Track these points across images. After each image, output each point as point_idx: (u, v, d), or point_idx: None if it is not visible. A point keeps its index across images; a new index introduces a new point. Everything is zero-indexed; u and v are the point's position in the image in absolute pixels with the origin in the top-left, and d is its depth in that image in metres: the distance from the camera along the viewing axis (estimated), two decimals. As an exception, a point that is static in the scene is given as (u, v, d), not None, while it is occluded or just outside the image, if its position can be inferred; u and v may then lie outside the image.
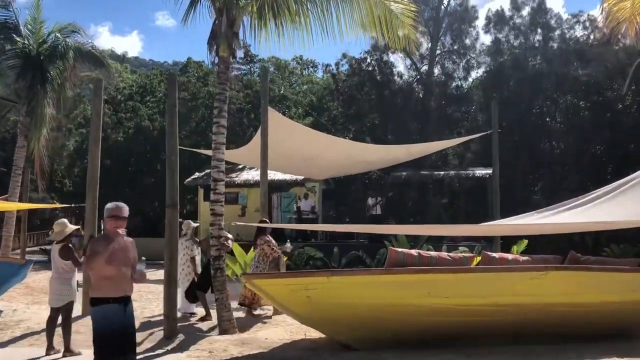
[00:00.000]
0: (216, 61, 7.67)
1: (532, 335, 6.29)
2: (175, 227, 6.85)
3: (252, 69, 30.09)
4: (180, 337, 6.72)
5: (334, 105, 27.07)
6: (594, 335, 6.46)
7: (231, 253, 9.58)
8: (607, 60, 21.44)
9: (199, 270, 8.37)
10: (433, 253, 6.52)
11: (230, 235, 8.00)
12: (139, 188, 22.25)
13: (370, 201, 16.90)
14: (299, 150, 13.70)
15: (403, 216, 19.36)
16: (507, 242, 14.29)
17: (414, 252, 6.42)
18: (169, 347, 6.38)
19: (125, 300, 3.87)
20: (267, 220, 9.58)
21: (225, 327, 7.07)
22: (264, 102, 11.83)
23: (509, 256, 6.83)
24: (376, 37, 7.75)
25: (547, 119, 24.20)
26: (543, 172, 23.70)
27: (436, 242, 14.70)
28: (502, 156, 14.29)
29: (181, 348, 6.37)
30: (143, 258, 3.77)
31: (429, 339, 6.22)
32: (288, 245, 9.23)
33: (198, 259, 8.55)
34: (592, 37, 23.97)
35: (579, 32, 24.28)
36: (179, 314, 7.60)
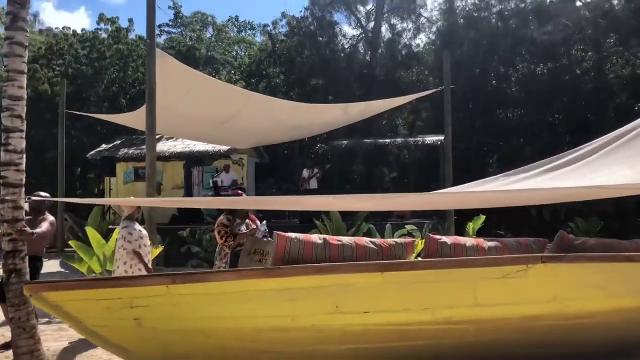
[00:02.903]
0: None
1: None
2: None
3: (183, 32, 27.41)
4: None
5: (274, 72, 24.30)
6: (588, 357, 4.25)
7: (88, 243, 6.91)
8: (568, 18, 19.57)
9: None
10: (347, 239, 4.04)
11: (51, 217, 5.30)
12: (41, 163, 18.93)
13: (305, 173, 14.32)
14: (208, 110, 10.95)
15: (345, 191, 16.96)
16: (461, 218, 12.14)
17: (315, 238, 3.94)
18: None
19: None
20: (243, 191, 7.40)
21: (24, 363, 4.43)
22: (150, 43, 9.04)
23: (468, 241, 4.42)
24: None
25: (504, 85, 22.28)
26: (498, 142, 21.84)
27: (380, 219, 12.38)
28: (455, 125, 12.30)
29: None
30: None
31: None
32: (261, 226, 5.95)
33: (146, 249, 5.37)
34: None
35: (537, -13, 22.29)
36: None
